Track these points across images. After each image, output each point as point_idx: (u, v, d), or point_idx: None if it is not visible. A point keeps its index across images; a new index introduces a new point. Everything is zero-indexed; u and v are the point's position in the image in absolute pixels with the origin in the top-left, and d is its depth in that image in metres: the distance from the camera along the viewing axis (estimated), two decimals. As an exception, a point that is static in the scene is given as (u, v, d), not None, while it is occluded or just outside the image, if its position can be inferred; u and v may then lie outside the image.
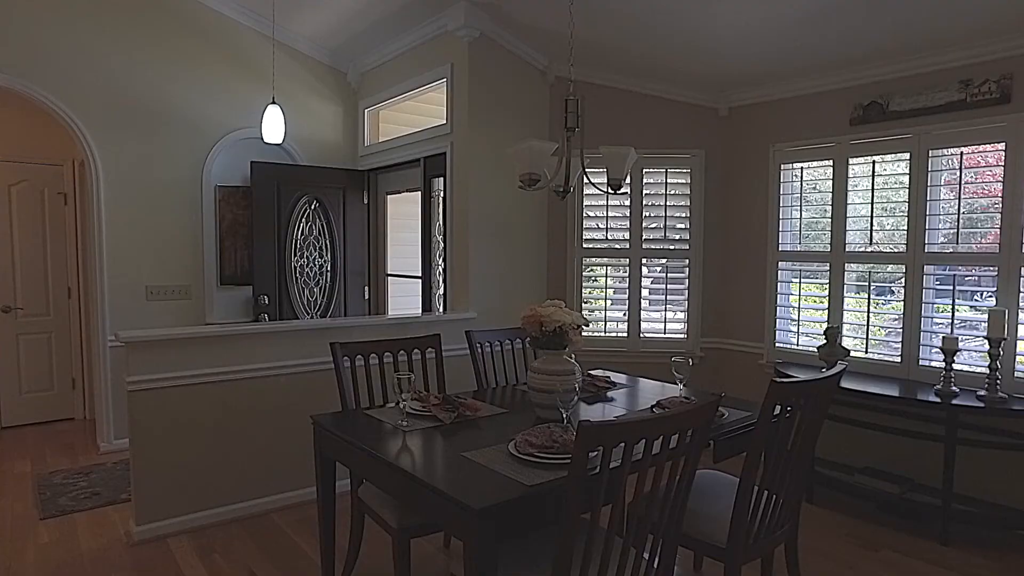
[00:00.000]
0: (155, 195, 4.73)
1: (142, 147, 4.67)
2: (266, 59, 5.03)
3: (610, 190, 2.61)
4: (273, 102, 4.26)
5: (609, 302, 4.89)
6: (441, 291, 4.71)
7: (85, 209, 4.85)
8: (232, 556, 3.14)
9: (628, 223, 4.76)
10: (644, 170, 4.68)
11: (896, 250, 3.83)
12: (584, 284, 4.89)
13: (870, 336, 3.97)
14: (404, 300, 5.53)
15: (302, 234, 5.18)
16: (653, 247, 4.77)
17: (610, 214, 4.80)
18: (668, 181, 4.73)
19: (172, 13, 4.74)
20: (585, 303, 4.88)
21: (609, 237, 4.82)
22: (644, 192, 4.73)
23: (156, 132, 4.72)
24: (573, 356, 2.65)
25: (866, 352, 3.98)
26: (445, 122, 4.54)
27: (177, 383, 3.31)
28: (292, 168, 5.18)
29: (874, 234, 3.92)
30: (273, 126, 4.22)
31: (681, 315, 4.82)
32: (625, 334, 4.82)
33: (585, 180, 2.88)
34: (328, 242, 5.31)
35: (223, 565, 3.05)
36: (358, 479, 2.71)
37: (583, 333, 2.61)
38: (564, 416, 2.30)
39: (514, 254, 4.65)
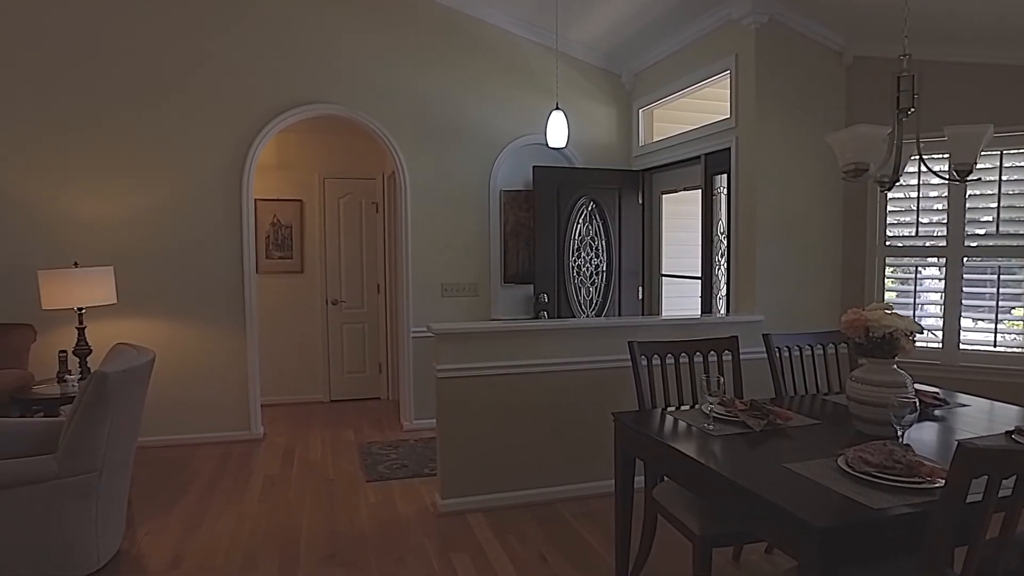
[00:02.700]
0: (450, 201, 5.23)
1: (440, 158, 5.19)
2: (545, 69, 5.29)
3: (956, 178, 2.26)
4: (557, 108, 4.44)
5: (918, 307, 4.28)
6: (723, 292, 4.52)
7: (394, 215, 5.54)
8: (525, 540, 3.32)
9: (946, 217, 4.13)
10: (969, 155, 4.01)
11: None
12: (885, 286, 4.35)
13: None
14: (677, 301, 5.43)
15: (579, 235, 5.34)
16: (979, 244, 4.07)
17: (922, 207, 4.20)
18: (1003, 165, 4.00)
19: (465, 36, 5.20)
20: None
21: (920, 233, 4.22)
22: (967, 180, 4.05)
23: (451, 144, 5.22)
24: (896, 366, 2.35)
25: None
26: (729, 116, 4.35)
27: (478, 373, 3.60)
28: (570, 171, 5.37)
29: None
30: (557, 131, 4.40)
31: (1017, 325, 4.04)
32: (938, 344, 4.18)
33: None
34: (604, 242, 5.41)
35: (517, 547, 3.24)
36: (653, 479, 2.69)
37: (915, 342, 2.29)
38: (900, 434, 2.03)
39: (805, 253, 4.30)
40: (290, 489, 4.01)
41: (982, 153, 3.99)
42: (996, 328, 4.07)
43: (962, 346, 4.14)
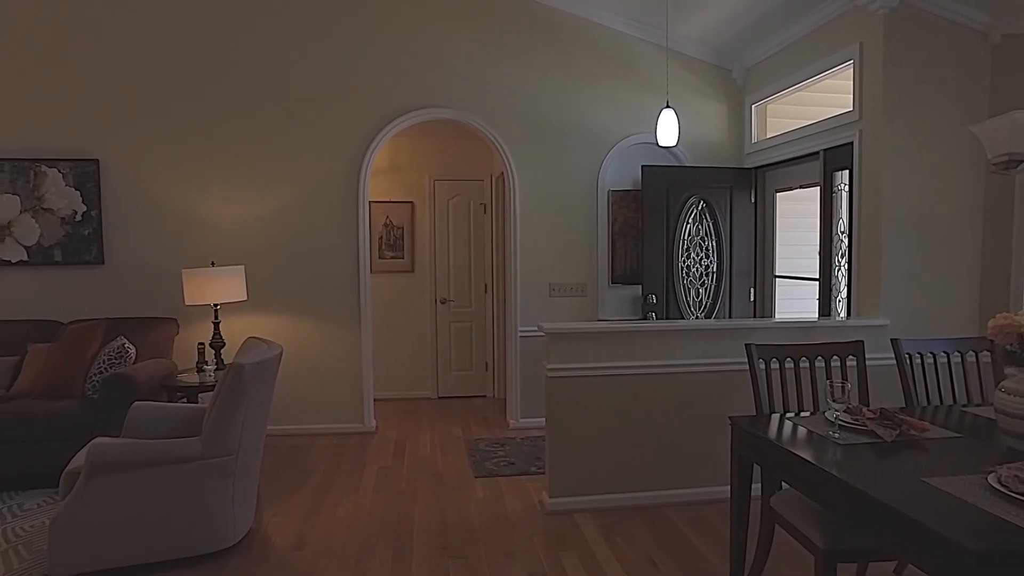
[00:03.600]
0: (558, 201, 5.26)
1: (548, 159, 5.24)
2: (654, 66, 5.21)
3: None
4: (667, 106, 4.36)
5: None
6: (843, 295, 4.29)
7: (504, 216, 5.63)
8: (633, 542, 3.28)
9: (1108, 213, 3.72)
10: None
11: None
12: (1034, 290, 3.97)
13: None
14: (791, 303, 5.19)
15: (689, 234, 5.23)
16: None
17: (1079, 203, 3.81)
18: None
19: (573, 36, 5.21)
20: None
21: (1076, 232, 3.83)
22: None
23: (559, 145, 5.24)
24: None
25: None
26: (851, 108, 4.12)
27: (589, 373, 3.60)
28: (680, 170, 5.27)
29: None
30: (668, 129, 4.32)
31: None
32: (1098, 355, 3.77)
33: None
34: (714, 242, 5.26)
35: (625, 549, 3.21)
36: (771, 487, 2.59)
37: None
38: (1061, 452, 1.86)
39: (936, 253, 4.00)
40: (402, 481, 4.16)
41: None
42: None
43: None
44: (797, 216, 5.14)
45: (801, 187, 4.92)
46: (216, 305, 4.52)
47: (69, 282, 4.90)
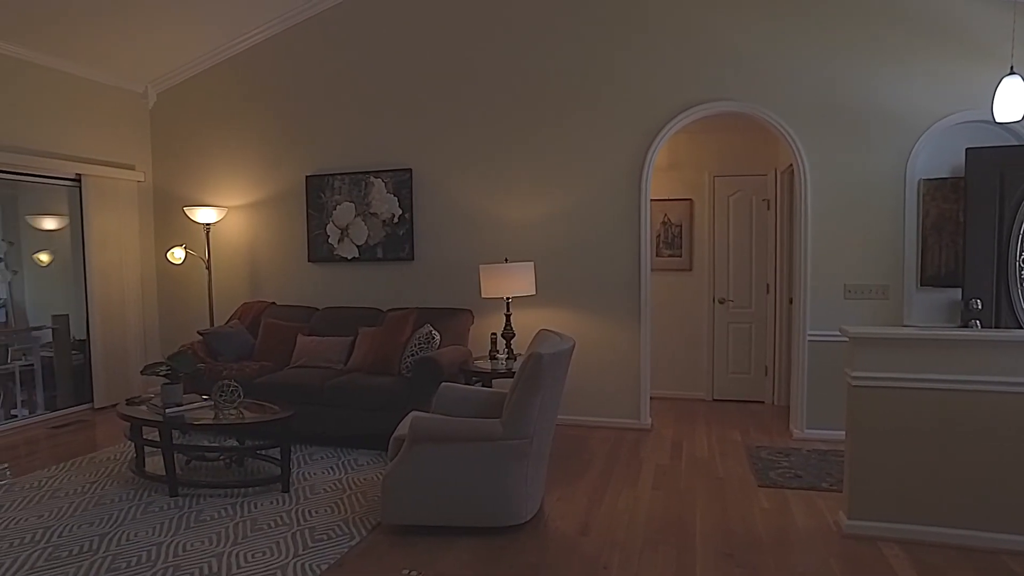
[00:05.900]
0: (855, 195, 4.76)
1: (844, 149, 4.76)
2: (986, 28, 4.45)
3: None
4: (1011, 73, 3.67)
5: None
6: None
7: (792, 213, 5.25)
8: (958, 585, 2.84)
9: None
10: None
11: None
12: None
13: None
14: None
15: (1030, 228, 4.35)
16: None
17: None
18: None
19: (877, 7, 4.65)
20: None
21: None
22: None
23: (858, 132, 4.73)
24: None
25: None
26: None
27: (903, 384, 3.18)
28: (1021, 150, 4.41)
29: None
30: (1011, 101, 3.63)
31: None
32: None
33: None
34: (1068, 237, 4.31)
35: (947, 590, 2.79)
36: None
37: None
38: None
39: None
40: (680, 481, 4.10)
41: None
42: None
43: None
44: None
45: None
46: (508, 298, 4.90)
47: (387, 275, 5.72)
